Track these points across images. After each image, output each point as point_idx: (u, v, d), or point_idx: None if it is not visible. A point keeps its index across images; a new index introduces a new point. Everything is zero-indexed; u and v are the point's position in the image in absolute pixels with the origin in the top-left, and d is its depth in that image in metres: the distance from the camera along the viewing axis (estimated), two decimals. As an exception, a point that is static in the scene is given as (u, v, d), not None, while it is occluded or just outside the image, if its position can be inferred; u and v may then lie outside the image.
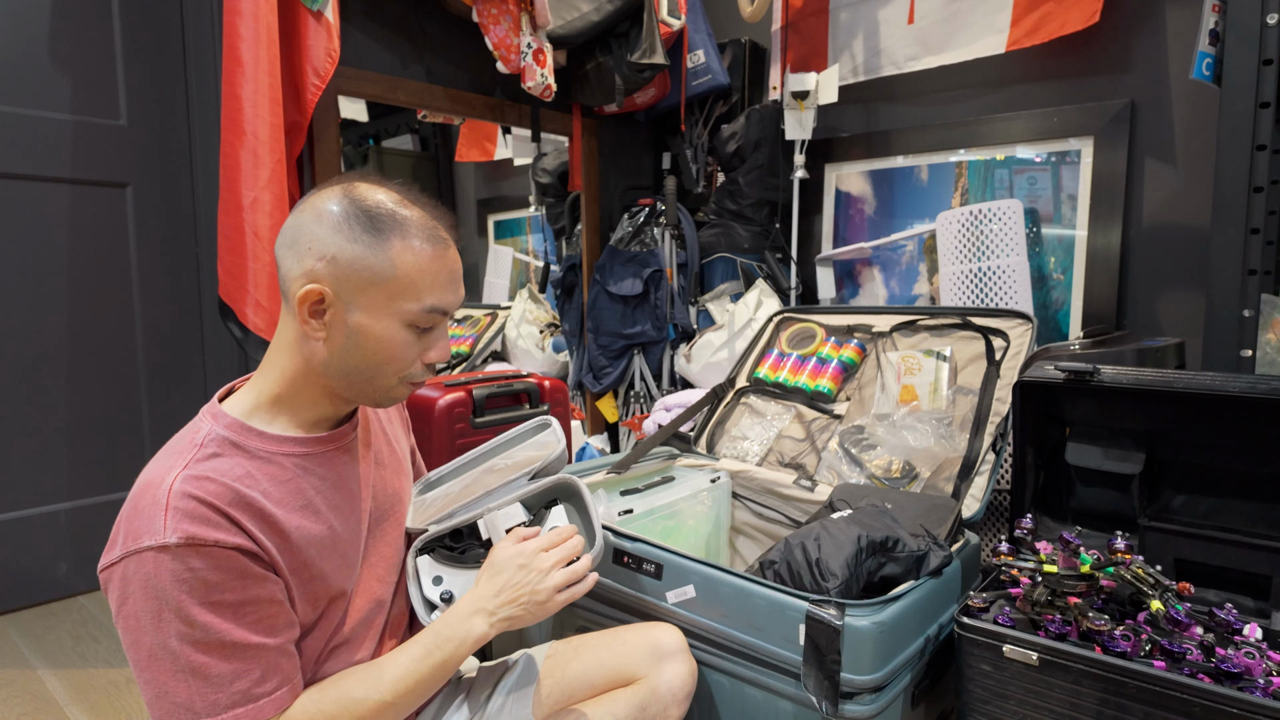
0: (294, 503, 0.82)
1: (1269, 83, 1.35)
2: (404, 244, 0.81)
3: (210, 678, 0.72)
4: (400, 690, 0.82)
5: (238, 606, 0.74)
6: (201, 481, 0.74)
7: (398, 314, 0.82)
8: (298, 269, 0.81)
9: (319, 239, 0.80)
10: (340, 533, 0.87)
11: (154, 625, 0.71)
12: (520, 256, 3.14)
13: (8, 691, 1.62)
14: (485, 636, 0.85)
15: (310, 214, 0.81)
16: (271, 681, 0.76)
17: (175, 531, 0.71)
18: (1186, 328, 1.88)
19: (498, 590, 0.87)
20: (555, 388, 1.99)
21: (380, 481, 0.97)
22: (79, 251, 2.02)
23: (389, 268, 0.81)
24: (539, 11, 2.11)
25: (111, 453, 2.10)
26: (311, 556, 0.82)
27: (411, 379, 0.87)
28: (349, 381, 0.84)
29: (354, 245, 0.80)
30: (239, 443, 0.80)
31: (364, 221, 0.80)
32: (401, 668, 0.83)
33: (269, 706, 0.75)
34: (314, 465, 0.86)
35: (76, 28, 1.96)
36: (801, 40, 2.56)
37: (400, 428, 1.09)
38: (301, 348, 0.83)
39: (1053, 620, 1.05)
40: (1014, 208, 2.08)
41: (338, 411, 0.89)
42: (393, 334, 0.83)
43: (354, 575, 0.90)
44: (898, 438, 1.61)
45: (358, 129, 2.79)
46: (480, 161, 3.06)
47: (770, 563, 1.17)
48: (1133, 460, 1.26)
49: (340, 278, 0.80)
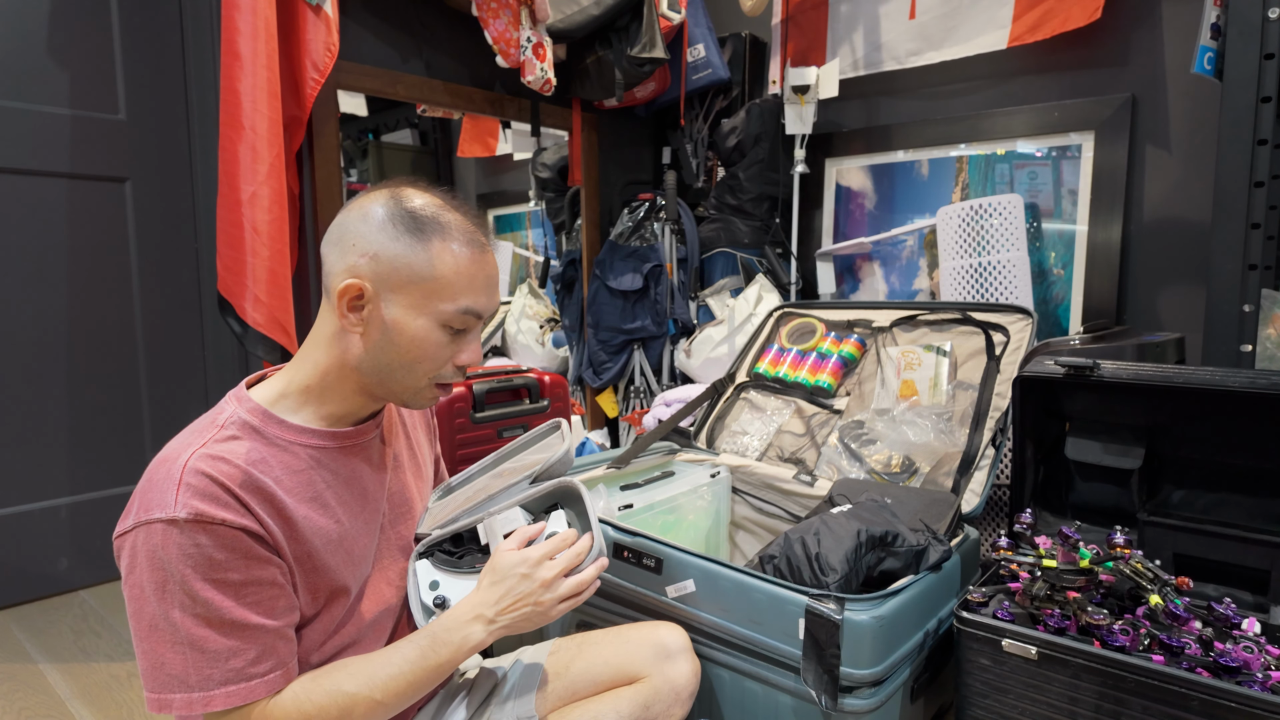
0: (304, 493, 0.83)
1: (1270, 77, 1.35)
2: (444, 245, 0.83)
3: (207, 652, 0.74)
4: (391, 690, 0.81)
5: (240, 586, 0.75)
6: (216, 461, 0.76)
7: (434, 314, 0.84)
8: (341, 264, 0.83)
9: (363, 236, 0.83)
10: (348, 529, 0.87)
11: (157, 596, 0.73)
12: (520, 251, 3.14)
13: (9, 686, 1.62)
14: (482, 644, 0.85)
15: (357, 213, 0.84)
16: (266, 663, 0.77)
17: (184, 507, 0.73)
18: (1187, 323, 1.88)
19: (498, 598, 0.86)
20: (555, 383, 1.99)
21: (397, 484, 0.98)
22: (78, 246, 2.01)
23: (428, 267, 0.82)
24: (539, 5, 2.10)
25: (112, 447, 2.10)
26: (316, 548, 0.83)
27: (441, 379, 0.88)
28: (380, 378, 0.86)
29: (396, 244, 0.82)
30: (258, 428, 0.82)
31: (408, 222, 0.83)
32: (395, 667, 0.82)
33: (260, 687, 0.76)
34: (328, 459, 0.87)
35: (75, 22, 1.95)
36: (802, 34, 2.55)
37: (424, 433, 1.10)
38: (338, 342, 0.85)
39: (1052, 615, 1.05)
40: (1014, 203, 2.08)
41: (364, 409, 0.91)
42: (427, 333, 0.84)
43: (360, 574, 0.90)
44: (897, 433, 1.61)
45: (357, 123, 2.78)
46: (480, 156, 3.06)
47: (770, 557, 1.17)
48: (1132, 455, 1.26)
49: (381, 275, 0.82)
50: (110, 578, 2.10)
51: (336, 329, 0.85)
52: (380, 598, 0.93)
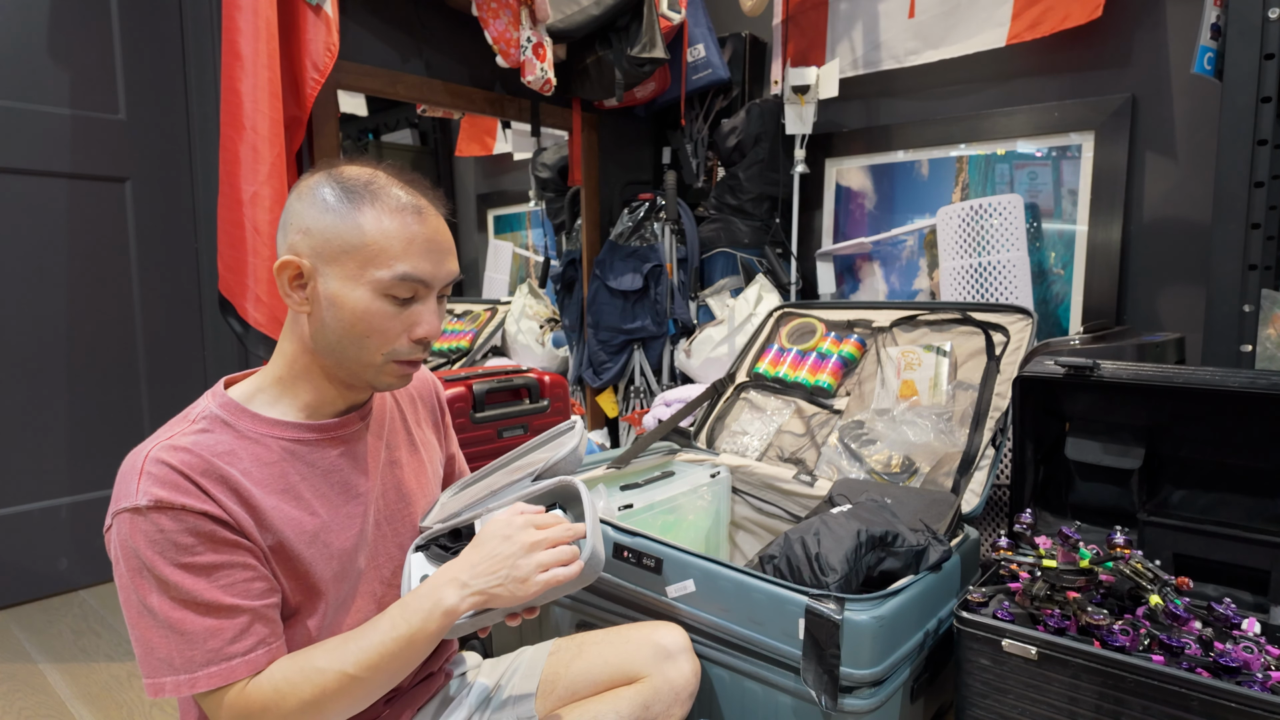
0: (275, 485, 0.82)
1: (1270, 77, 1.35)
2: (375, 211, 0.82)
3: (186, 634, 0.74)
4: (365, 663, 0.77)
5: (210, 569, 0.75)
6: (177, 451, 0.76)
7: (370, 282, 0.81)
8: (283, 244, 0.84)
9: (298, 213, 0.83)
10: (326, 522, 0.86)
11: (135, 583, 0.74)
12: (520, 251, 3.13)
13: (9, 686, 1.62)
14: (455, 609, 0.79)
15: (295, 193, 0.85)
16: (245, 642, 0.76)
17: (145, 495, 0.73)
18: (1186, 323, 1.88)
19: (476, 561, 0.81)
20: (555, 383, 1.99)
21: (393, 481, 0.96)
22: (79, 246, 2.01)
23: (357, 234, 0.81)
24: (539, 5, 2.10)
25: (112, 447, 2.10)
26: (289, 538, 0.81)
27: (397, 356, 0.85)
28: (335, 358, 0.85)
29: (326, 215, 0.81)
30: (228, 421, 0.82)
31: (337, 192, 0.82)
32: (367, 639, 0.79)
33: (242, 667, 0.75)
34: (304, 452, 0.85)
35: (75, 22, 1.95)
36: (801, 34, 2.55)
37: (431, 430, 1.07)
38: (296, 326, 0.85)
39: (1052, 615, 1.05)
40: (1014, 203, 2.08)
41: (341, 399, 0.89)
42: (368, 304, 0.82)
43: (346, 570, 0.88)
44: (897, 433, 1.61)
45: (357, 123, 2.78)
46: (480, 156, 3.05)
47: (770, 557, 1.17)
48: (1132, 455, 1.26)
49: (315, 249, 0.82)
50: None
51: (293, 313, 0.85)
52: (374, 596, 0.92)
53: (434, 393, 1.10)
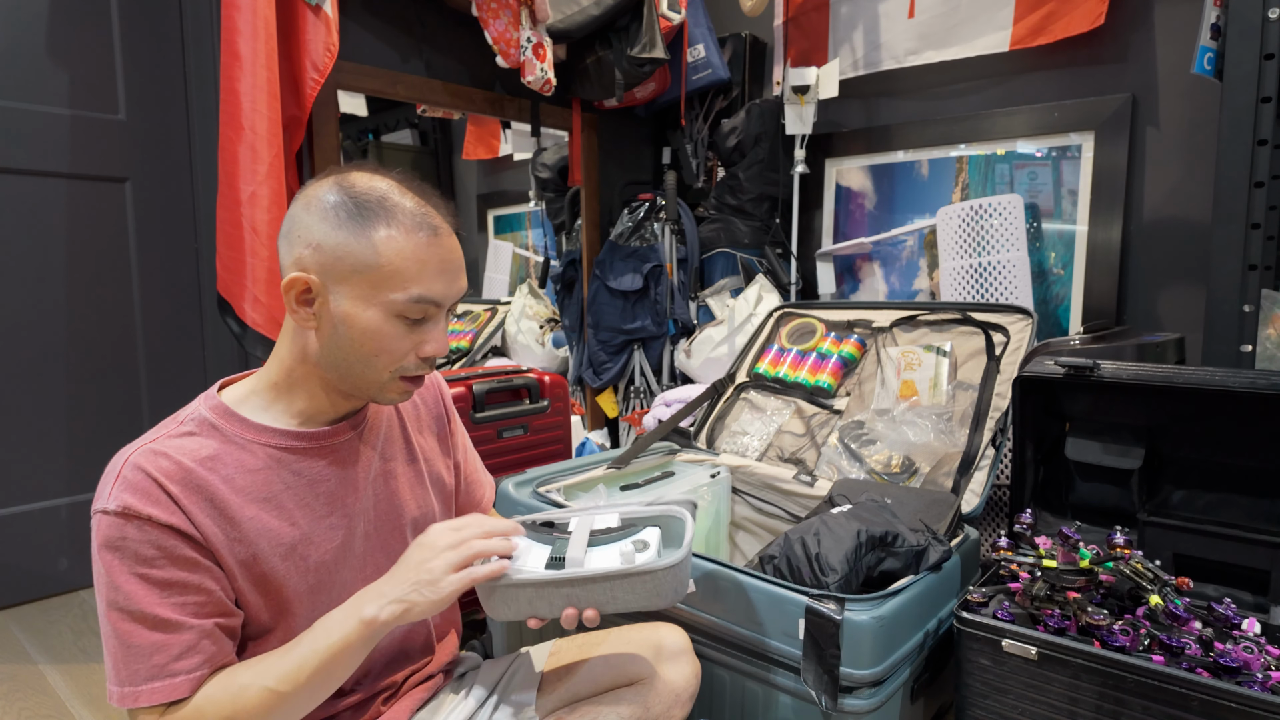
0: (256, 493, 0.80)
1: (1270, 77, 1.35)
2: (389, 231, 0.79)
3: (132, 646, 0.73)
4: (287, 677, 0.75)
5: (165, 585, 0.74)
6: (156, 457, 0.75)
7: (384, 304, 0.80)
8: (289, 258, 0.80)
9: (306, 226, 0.79)
10: (308, 534, 0.84)
11: (99, 585, 0.74)
12: (520, 251, 3.14)
13: (9, 686, 1.62)
14: (374, 620, 0.76)
15: (301, 202, 0.81)
16: (189, 660, 0.74)
17: (115, 499, 0.73)
18: (1186, 323, 1.88)
19: (395, 571, 0.80)
20: (555, 383, 1.99)
21: (387, 493, 0.93)
22: (78, 247, 2.01)
23: (372, 255, 0.78)
24: (539, 6, 2.10)
25: (112, 447, 2.07)
26: (263, 551, 0.80)
27: (405, 372, 0.84)
28: (340, 373, 0.83)
29: (338, 232, 0.78)
30: (217, 425, 0.81)
31: (350, 208, 0.79)
32: (291, 655, 0.77)
33: (185, 685, 0.74)
34: (292, 460, 0.84)
35: (75, 22, 1.95)
36: (802, 34, 2.55)
37: (434, 438, 1.04)
38: (298, 337, 0.83)
39: (1052, 615, 1.05)
40: (1014, 203, 2.08)
41: (335, 407, 0.88)
42: (380, 325, 0.80)
43: (324, 582, 0.85)
44: (897, 433, 1.61)
45: (357, 124, 2.78)
46: (484, 159, 3.06)
47: (770, 557, 1.17)
48: (1132, 455, 1.26)
49: (325, 266, 0.79)
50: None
51: (295, 324, 0.82)
52: None
53: (439, 398, 1.06)
